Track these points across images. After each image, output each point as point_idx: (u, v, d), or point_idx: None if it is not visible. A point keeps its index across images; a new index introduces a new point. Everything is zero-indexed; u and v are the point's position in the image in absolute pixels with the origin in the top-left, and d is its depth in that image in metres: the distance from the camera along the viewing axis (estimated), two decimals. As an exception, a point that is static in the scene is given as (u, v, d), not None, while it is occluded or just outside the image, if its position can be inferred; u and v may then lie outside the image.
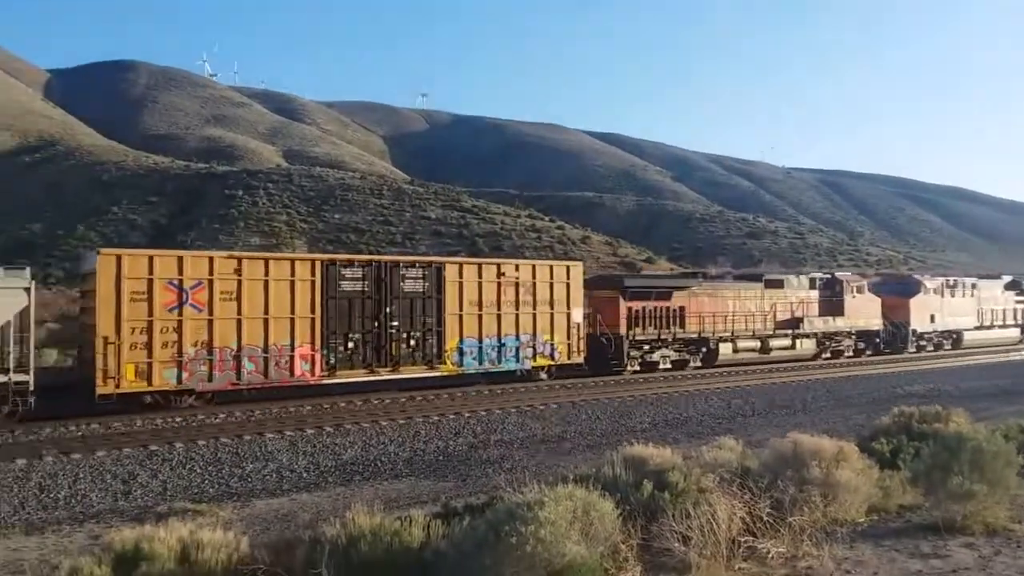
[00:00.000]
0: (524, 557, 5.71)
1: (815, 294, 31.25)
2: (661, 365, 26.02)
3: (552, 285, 23.03)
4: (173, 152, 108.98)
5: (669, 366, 26.24)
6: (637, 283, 27.10)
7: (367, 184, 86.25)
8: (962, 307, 37.77)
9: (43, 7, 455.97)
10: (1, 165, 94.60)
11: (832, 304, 31.52)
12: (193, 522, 7.06)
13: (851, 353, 32.23)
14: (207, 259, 18.03)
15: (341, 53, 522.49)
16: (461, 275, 21.41)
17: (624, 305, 25.16)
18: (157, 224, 73.06)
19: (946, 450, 8.33)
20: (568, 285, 23.52)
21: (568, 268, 24.15)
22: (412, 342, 20.45)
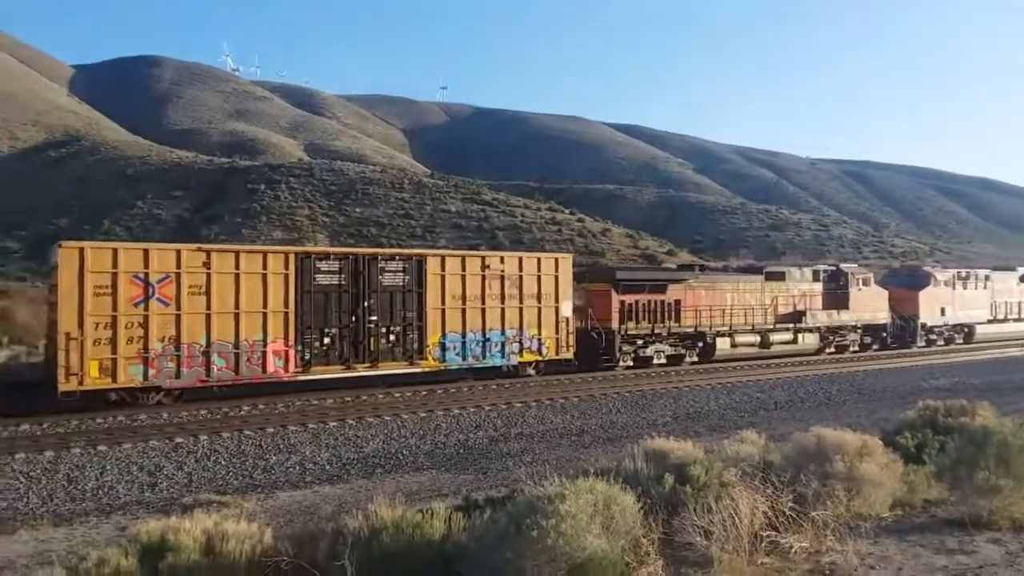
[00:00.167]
0: (545, 550, 5.71)
1: (819, 287, 30.34)
2: (655, 360, 25.14)
3: (540, 278, 22.36)
4: (196, 146, 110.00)
5: (664, 361, 25.35)
6: (630, 276, 26.31)
7: (387, 177, 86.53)
8: (975, 299, 36.52)
9: (68, 3, 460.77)
10: (28, 160, 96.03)
11: (836, 297, 30.59)
12: (218, 514, 7.13)
13: (856, 348, 31.30)
14: (174, 252, 17.54)
15: (361, 46, 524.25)
16: (443, 268, 20.80)
17: (616, 298, 24.45)
18: (181, 218, 73.83)
19: (972, 444, 8.24)
20: (556, 278, 22.79)
21: (557, 260, 23.35)
22: (392, 337, 19.89)
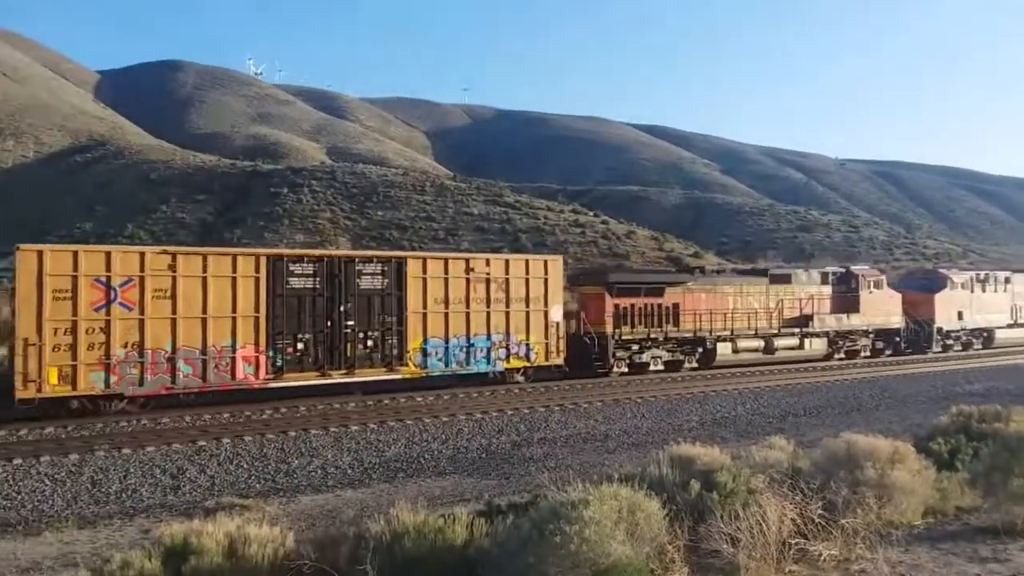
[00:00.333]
0: (568, 556, 5.64)
1: (827, 289, 29.34)
2: (652, 367, 24.34)
3: (528, 281, 21.78)
4: (220, 150, 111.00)
5: (661, 368, 24.57)
6: (625, 278, 25.62)
7: (409, 180, 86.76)
8: (994, 303, 35.24)
9: (93, 9, 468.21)
10: (53, 165, 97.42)
11: (846, 300, 29.55)
12: (240, 517, 7.12)
13: (868, 353, 30.19)
14: (138, 255, 17.14)
15: (383, 49, 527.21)
16: (425, 271, 20.25)
17: (610, 302, 23.65)
18: (204, 222, 74.49)
19: (1006, 450, 8.07)
20: (546, 281, 22.15)
21: (546, 263, 22.68)
22: (370, 342, 19.29)
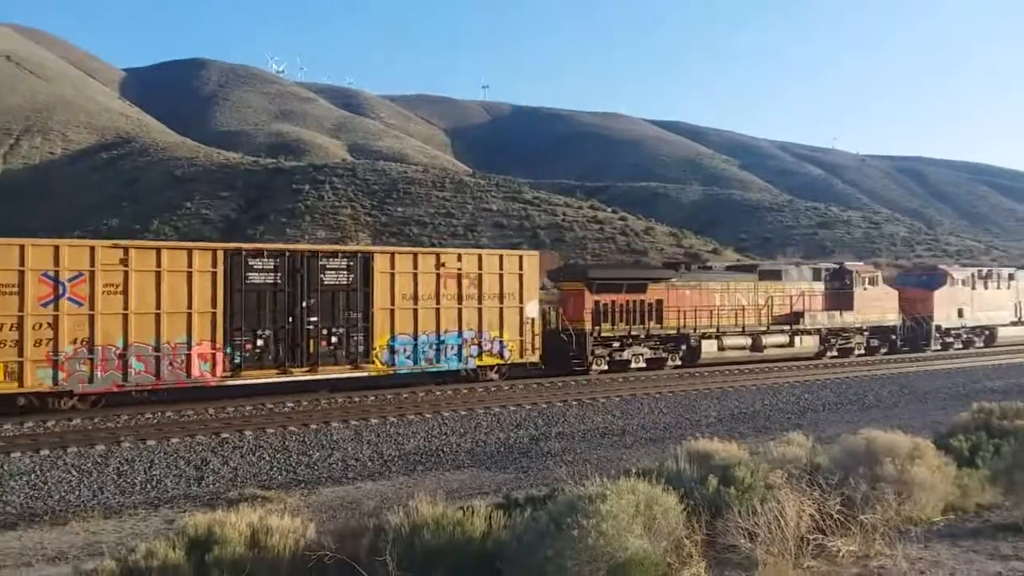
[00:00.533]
0: (586, 550, 5.68)
1: (820, 286, 28.63)
2: (633, 364, 23.74)
3: (502, 277, 21.20)
4: (243, 147, 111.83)
5: (643, 365, 23.97)
6: (605, 274, 25.06)
7: (429, 177, 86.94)
8: (996, 300, 34.21)
9: (118, 8, 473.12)
10: (80, 162, 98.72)
11: (839, 297, 28.84)
12: (262, 508, 7.25)
13: (862, 351, 29.49)
14: (88, 249, 16.57)
15: (403, 46, 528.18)
16: (393, 266, 19.69)
17: (590, 298, 23.05)
18: (228, 218, 75.12)
19: (1029, 448, 7.98)
20: (521, 276, 21.56)
21: (521, 258, 22.11)
22: (334, 339, 18.79)
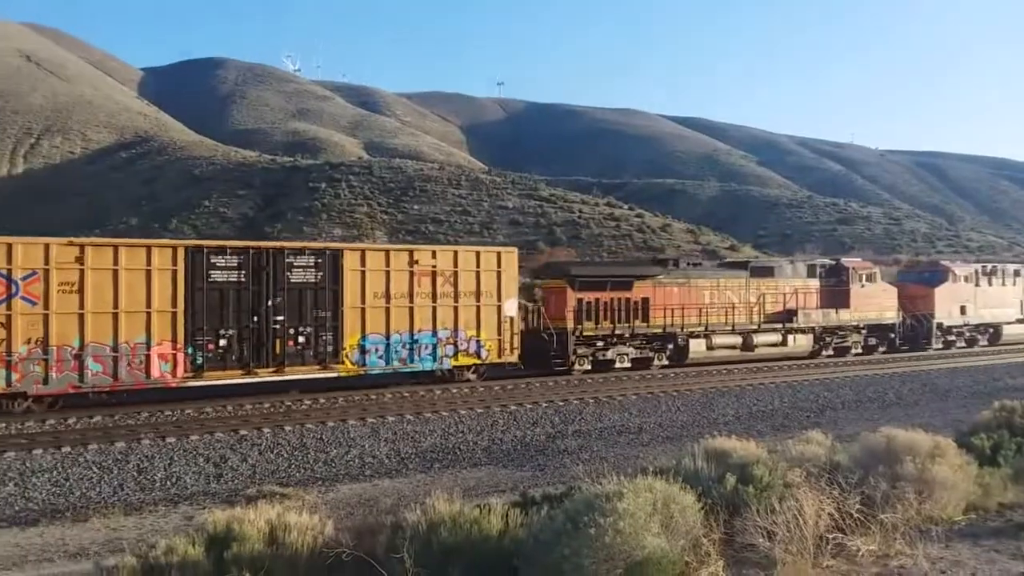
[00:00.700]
0: (603, 548, 5.67)
1: (814, 283, 27.85)
2: (618, 364, 23.09)
3: (479, 274, 20.67)
4: (260, 146, 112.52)
5: (628, 365, 23.29)
6: (588, 272, 24.40)
7: (445, 174, 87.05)
8: (1002, 297, 33.26)
9: (137, 8, 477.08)
10: (100, 161, 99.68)
11: (835, 294, 28.09)
12: (280, 505, 7.28)
13: (859, 350, 28.65)
14: (42, 246, 16.11)
15: (419, 44, 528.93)
16: (364, 263, 19.16)
17: (573, 296, 22.44)
18: (246, 216, 75.59)
19: (1053, 447, 7.88)
20: (499, 274, 20.96)
21: (499, 255, 21.39)
22: (301, 339, 18.29)
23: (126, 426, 15.03)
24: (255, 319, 17.78)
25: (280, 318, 18.04)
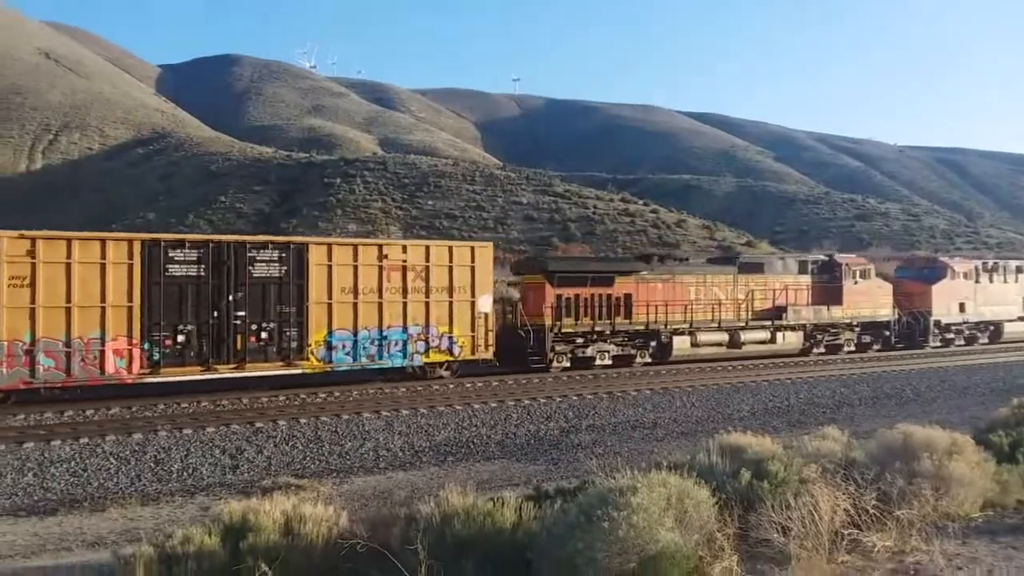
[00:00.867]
0: (616, 542, 5.66)
1: (806, 279, 27.21)
2: (598, 361, 22.50)
3: (451, 269, 20.19)
4: (276, 142, 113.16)
5: (609, 362, 22.71)
6: (568, 267, 23.86)
7: (460, 170, 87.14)
8: (1003, 294, 32.34)
9: (154, 5, 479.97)
10: (117, 157, 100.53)
11: (828, 291, 27.41)
12: (296, 496, 7.31)
13: (851, 348, 27.94)
14: None
15: (434, 40, 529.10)
16: (331, 258, 18.70)
17: (551, 292, 21.92)
18: (262, 212, 76.01)
19: (1072, 444, 7.80)
20: (473, 269, 20.48)
21: (473, 250, 20.85)
22: (264, 335, 17.82)
23: (143, 418, 15.17)
24: (215, 314, 17.33)
25: (241, 313, 17.59)
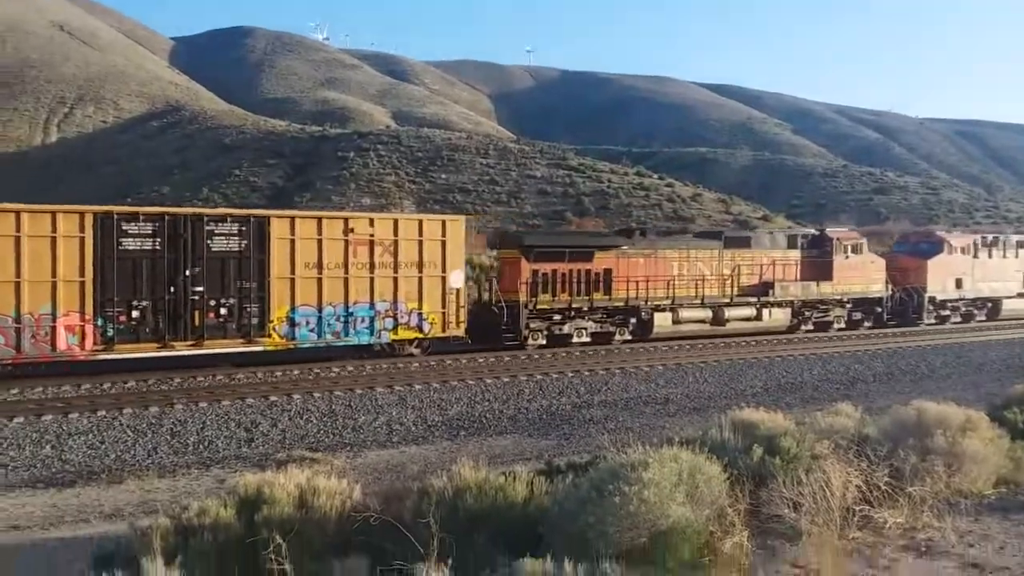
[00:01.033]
0: (627, 516, 5.69)
1: (795, 254, 26.36)
2: (575, 339, 21.97)
3: (422, 243, 19.50)
4: (289, 115, 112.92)
5: (587, 340, 22.20)
6: (544, 241, 23.27)
7: (473, 144, 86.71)
8: (1002, 270, 31.36)
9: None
10: (132, 130, 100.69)
11: (817, 266, 26.56)
12: (310, 469, 7.39)
13: (842, 325, 27.06)
14: None
15: (448, 11, 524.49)
16: (293, 231, 18.04)
17: (527, 267, 21.20)
18: (276, 186, 76.11)
19: (1089, 421, 7.74)
20: (444, 243, 19.79)
21: (444, 223, 20.17)
22: (223, 311, 17.28)
23: (160, 391, 15.33)
24: (172, 290, 16.80)
25: (199, 289, 17.05)
